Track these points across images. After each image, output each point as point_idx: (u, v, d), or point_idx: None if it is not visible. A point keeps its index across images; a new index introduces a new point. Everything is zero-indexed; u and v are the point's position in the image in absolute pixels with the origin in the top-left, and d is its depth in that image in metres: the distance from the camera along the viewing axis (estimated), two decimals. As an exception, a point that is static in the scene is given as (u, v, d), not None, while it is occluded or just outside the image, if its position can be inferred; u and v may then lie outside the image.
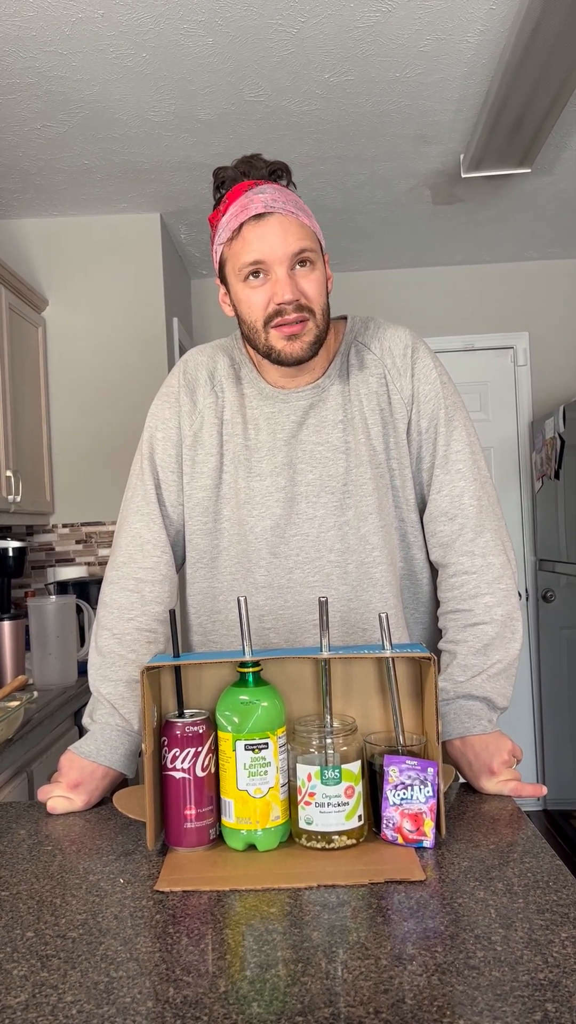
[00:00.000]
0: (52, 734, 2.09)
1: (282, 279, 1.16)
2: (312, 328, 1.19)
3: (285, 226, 1.16)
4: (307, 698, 1.09)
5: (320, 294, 1.20)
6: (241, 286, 1.20)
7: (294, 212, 1.17)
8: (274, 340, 1.20)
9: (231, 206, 1.19)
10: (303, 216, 1.19)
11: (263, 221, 1.16)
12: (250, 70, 2.32)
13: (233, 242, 1.19)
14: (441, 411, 1.27)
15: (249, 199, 1.17)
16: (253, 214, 1.16)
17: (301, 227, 1.17)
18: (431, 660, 1.00)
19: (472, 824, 1.05)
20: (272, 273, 1.17)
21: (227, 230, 1.19)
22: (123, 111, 2.52)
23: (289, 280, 1.16)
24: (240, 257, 1.18)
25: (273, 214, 1.16)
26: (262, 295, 1.18)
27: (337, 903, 0.86)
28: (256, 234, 1.16)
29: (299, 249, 1.16)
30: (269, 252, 1.16)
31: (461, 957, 0.74)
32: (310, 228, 1.19)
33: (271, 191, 1.18)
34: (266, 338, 1.20)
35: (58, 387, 3.36)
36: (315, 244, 1.20)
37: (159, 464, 1.30)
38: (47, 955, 0.78)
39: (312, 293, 1.19)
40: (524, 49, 2.09)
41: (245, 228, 1.17)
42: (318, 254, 1.20)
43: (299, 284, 1.18)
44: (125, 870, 0.96)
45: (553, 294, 4.15)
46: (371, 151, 2.85)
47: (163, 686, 1.06)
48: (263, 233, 1.16)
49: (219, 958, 0.76)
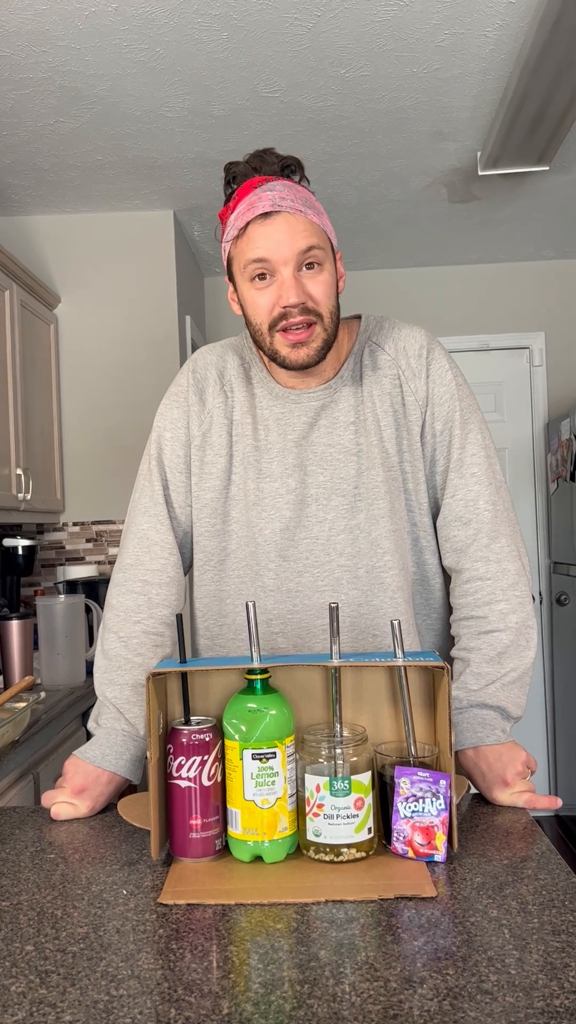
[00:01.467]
0: (59, 735, 2.08)
1: (288, 281, 1.13)
2: (320, 333, 1.17)
3: (292, 225, 1.13)
4: (316, 706, 1.06)
5: (328, 296, 1.16)
6: (247, 286, 1.17)
7: (302, 210, 1.14)
8: (279, 345, 1.17)
9: (240, 203, 1.16)
10: (312, 214, 1.15)
11: (269, 220, 1.13)
12: (265, 65, 2.29)
13: (239, 240, 1.16)
14: (456, 413, 1.24)
15: (257, 196, 1.14)
16: (259, 213, 1.13)
17: (309, 225, 1.14)
18: (444, 669, 0.97)
19: (485, 837, 1.02)
20: (278, 274, 1.14)
21: (234, 228, 1.17)
22: (136, 107, 2.50)
23: (295, 282, 1.13)
24: (245, 256, 1.15)
25: (280, 213, 1.13)
26: (267, 297, 1.15)
27: (345, 919, 0.83)
28: (261, 233, 1.13)
29: (306, 247, 1.13)
30: (274, 252, 1.13)
31: (473, 981, 0.71)
32: (319, 226, 1.16)
33: (280, 188, 1.15)
34: (271, 342, 1.18)
35: (69, 384, 3.35)
36: (324, 242, 1.16)
37: (167, 465, 1.28)
38: (46, 971, 0.76)
39: (319, 296, 1.15)
40: (544, 44, 2.05)
41: (251, 227, 1.14)
42: (327, 253, 1.16)
43: (306, 286, 1.14)
44: (129, 880, 0.94)
45: (570, 294, 4.10)
46: (387, 148, 2.82)
47: (169, 692, 1.04)
48: (268, 232, 1.13)
49: (223, 977, 0.74)
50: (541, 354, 4.08)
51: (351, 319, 1.31)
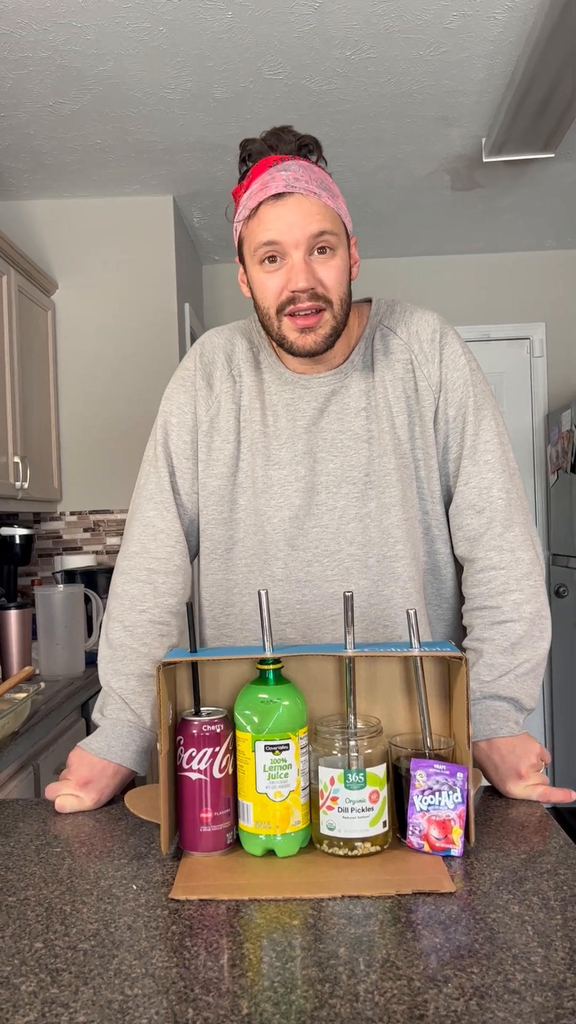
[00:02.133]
0: (59, 726, 2.05)
1: (298, 264, 1.10)
2: (329, 320, 1.14)
3: (305, 207, 1.10)
4: (329, 697, 1.04)
5: (339, 283, 1.13)
6: (256, 269, 1.14)
7: (316, 192, 1.10)
8: (287, 330, 1.14)
9: (253, 182, 1.13)
10: (326, 196, 1.12)
11: (282, 201, 1.10)
12: (269, 47, 2.26)
13: (250, 221, 1.13)
14: (470, 399, 1.22)
15: (271, 176, 1.11)
16: (272, 193, 1.10)
17: (323, 208, 1.11)
18: (462, 660, 0.95)
19: (500, 831, 1.00)
20: (288, 258, 1.11)
21: (245, 208, 1.14)
22: (138, 88, 2.46)
23: (305, 266, 1.10)
24: (256, 238, 1.12)
25: (293, 194, 1.10)
26: (277, 280, 1.12)
27: (363, 916, 0.81)
28: (273, 215, 1.10)
29: (318, 231, 1.10)
30: (286, 234, 1.10)
31: (500, 979, 0.69)
32: (333, 210, 1.13)
33: (295, 168, 1.11)
34: (279, 327, 1.15)
35: (67, 372, 3.31)
36: (337, 227, 1.13)
37: (173, 451, 1.25)
38: (57, 969, 0.73)
39: (330, 281, 1.12)
40: (553, 27, 2.02)
41: (263, 208, 1.11)
42: (340, 238, 1.13)
43: (316, 271, 1.11)
44: (138, 875, 0.91)
45: (571, 285, 4.07)
46: (391, 133, 2.78)
47: (179, 682, 1.02)
48: (280, 214, 1.10)
49: (240, 975, 0.71)
50: (542, 345, 4.06)
51: (361, 302, 1.28)
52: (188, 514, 1.26)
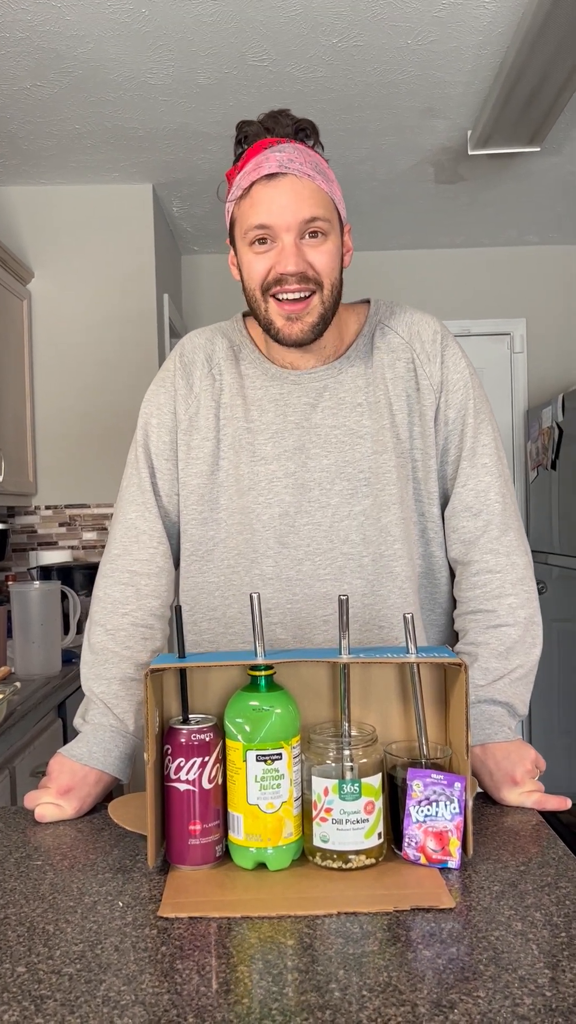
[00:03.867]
0: (35, 728, 2.00)
1: (288, 247, 1.08)
2: (317, 306, 1.11)
3: (298, 190, 1.07)
4: (322, 704, 1.00)
5: (331, 267, 1.11)
6: (246, 250, 1.12)
7: (310, 175, 1.08)
8: (273, 315, 1.12)
9: (248, 162, 1.10)
10: (320, 180, 1.09)
11: (275, 182, 1.07)
12: (254, 32, 2.21)
13: (242, 201, 1.10)
14: (470, 402, 1.20)
15: (265, 157, 1.08)
16: (265, 173, 1.07)
17: (316, 192, 1.08)
18: (461, 666, 0.91)
19: (496, 840, 0.97)
20: (279, 240, 1.09)
21: (238, 188, 1.11)
22: (118, 72, 2.40)
23: (296, 249, 1.08)
24: (247, 219, 1.09)
25: (286, 175, 1.07)
26: (265, 262, 1.10)
27: (360, 935, 0.78)
28: (265, 195, 1.07)
29: (310, 216, 1.07)
30: (277, 217, 1.07)
31: (508, 1005, 0.66)
32: (327, 194, 1.10)
33: (290, 150, 1.09)
34: (265, 309, 1.12)
35: (43, 362, 3.24)
36: (330, 212, 1.10)
37: (153, 452, 1.22)
38: (41, 996, 0.69)
39: (321, 265, 1.10)
40: (544, 18, 1.99)
41: (255, 188, 1.08)
42: (333, 224, 1.11)
43: (307, 254, 1.09)
44: (124, 891, 0.87)
45: (552, 280, 4.07)
46: (375, 124, 2.74)
47: (166, 689, 0.98)
48: (273, 195, 1.07)
49: (235, 1002, 0.68)
50: (522, 340, 4.05)
51: (359, 303, 1.25)
52: (169, 516, 1.23)
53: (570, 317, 4.08)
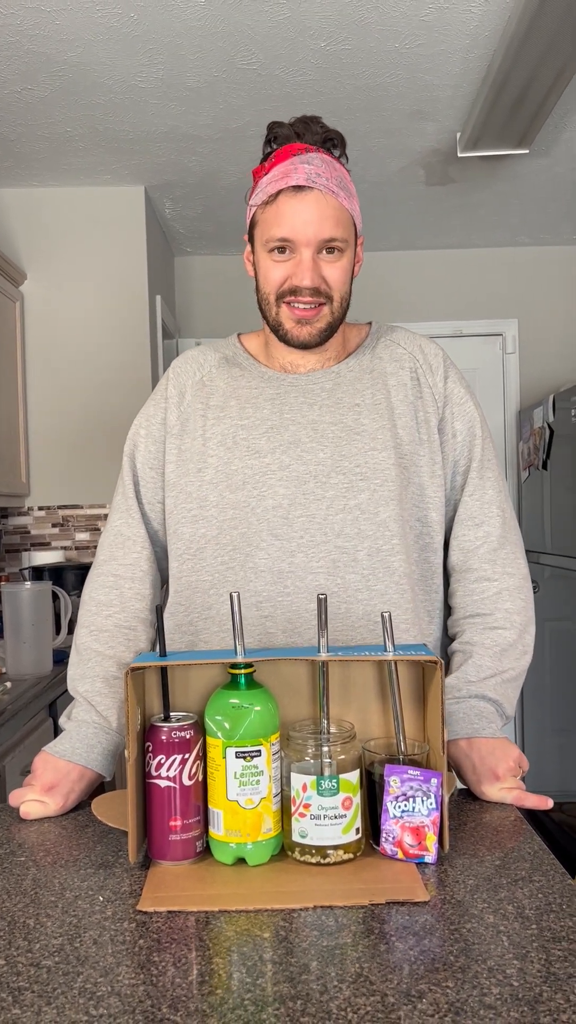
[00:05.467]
0: (25, 727, 2.01)
1: (306, 263, 1.13)
2: (327, 315, 1.17)
3: (322, 207, 1.12)
4: (301, 701, 1.02)
5: (343, 282, 1.17)
6: (265, 256, 1.17)
7: (335, 191, 1.13)
8: (284, 318, 1.18)
9: (276, 167, 1.15)
10: (343, 197, 1.14)
11: (301, 195, 1.12)
12: (243, 35, 2.22)
13: (267, 207, 1.15)
14: (477, 417, 1.25)
15: (294, 166, 1.13)
16: (293, 184, 1.12)
17: (338, 210, 1.14)
18: (437, 664, 0.93)
19: (474, 836, 0.99)
20: (298, 253, 1.14)
21: (264, 193, 1.16)
22: (108, 75, 2.41)
23: (313, 265, 1.14)
24: (270, 229, 1.15)
25: (313, 190, 1.12)
26: (282, 271, 1.15)
27: (335, 927, 0.79)
28: (291, 208, 1.12)
29: (329, 237, 1.13)
30: (300, 232, 1.12)
31: (475, 994, 0.68)
32: (348, 211, 1.15)
33: (318, 163, 1.13)
34: (276, 313, 1.18)
35: (35, 364, 3.25)
36: (348, 231, 1.16)
37: (139, 461, 1.27)
38: (19, 987, 0.71)
39: (334, 280, 1.16)
40: (530, 22, 2.01)
41: (282, 198, 1.13)
42: (349, 242, 1.17)
43: (323, 269, 1.15)
44: (105, 886, 0.89)
45: (544, 281, 4.08)
46: (365, 126, 2.76)
47: (147, 687, 0.99)
48: (298, 209, 1.12)
49: (209, 993, 0.69)
50: (514, 341, 4.07)
51: (361, 325, 1.31)
52: (152, 523, 1.26)
53: (562, 317, 4.10)
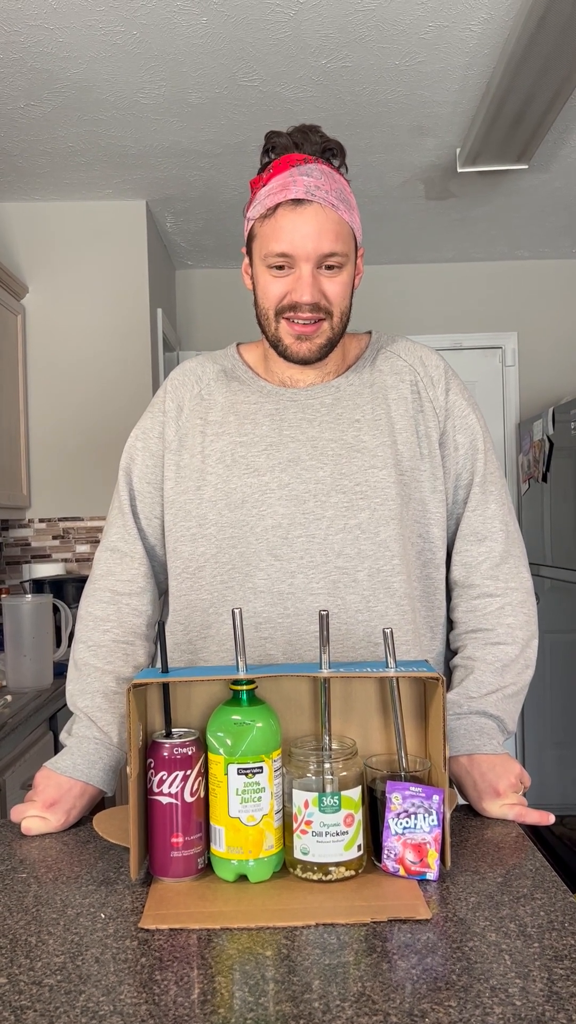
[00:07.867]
0: (26, 741, 2.01)
1: (305, 278, 1.11)
2: (326, 330, 1.15)
3: (321, 221, 1.10)
4: (303, 717, 1.02)
5: (343, 297, 1.15)
6: (263, 270, 1.14)
7: (335, 204, 1.11)
8: (283, 333, 1.15)
9: (274, 178, 1.12)
10: (343, 210, 1.12)
11: (300, 209, 1.10)
12: (245, 53, 2.24)
13: (266, 221, 1.13)
14: (479, 431, 1.23)
15: (292, 178, 1.10)
16: (292, 197, 1.09)
17: (338, 224, 1.11)
18: (438, 680, 0.93)
19: (476, 852, 0.99)
20: (297, 268, 1.12)
21: (262, 205, 1.13)
22: (110, 92, 2.43)
23: (312, 280, 1.11)
24: (269, 243, 1.12)
25: (312, 203, 1.10)
26: (281, 286, 1.13)
27: (338, 945, 0.79)
28: (290, 222, 1.10)
29: (329, 252, 1.11)
30: (299, 246, 1.10)
31: (478, 1014, 0.68)
32: (348, 224, 1.13)
33: (317, 175, 1.11)
34: (276, 328, 1.16)
35: (37, 377, 3.26)
36: (348, 245, 1.14)
37: (135, 475, 1.25)
38: (21, 1007, 0.70)
39: (333, 295, 1.14)
40: (529, 40, 2.03)
41: (280, 211, 1.11)
42: (349, 256, 1.14)
43: (322, 285, 1.12)
44: (107, 903, 0.89)
45: (544, 294, 4.10)
46: (365, 142, 2.78)
47: (149, 703, 0.99)
48: (297, 223, 1.10)
49: (211, 1012, 0.69)
50: (514, 354, 4.08)
51: (362, 334, 1.29)
52: (149, 538, 1.25)
53: (561, 331, 4.11)
